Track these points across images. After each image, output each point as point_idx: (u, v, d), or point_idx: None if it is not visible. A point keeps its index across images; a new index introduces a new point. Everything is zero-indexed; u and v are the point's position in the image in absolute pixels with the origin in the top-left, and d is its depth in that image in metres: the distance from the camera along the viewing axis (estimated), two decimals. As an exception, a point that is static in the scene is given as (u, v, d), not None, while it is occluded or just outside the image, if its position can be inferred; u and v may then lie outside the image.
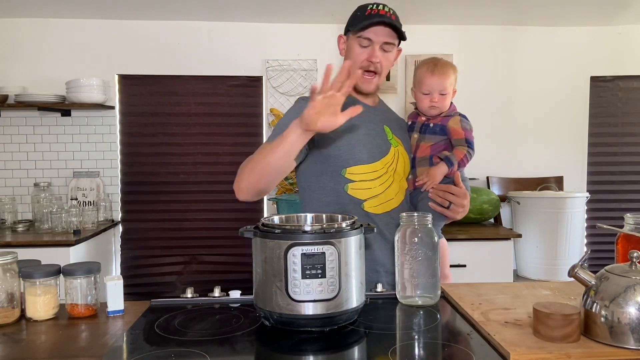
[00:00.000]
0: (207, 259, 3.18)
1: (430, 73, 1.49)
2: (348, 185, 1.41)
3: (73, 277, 1.15)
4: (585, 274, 0.97)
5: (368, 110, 1.45)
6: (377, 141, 1.45)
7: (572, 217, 2.83)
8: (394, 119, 1.58)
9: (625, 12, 3.09)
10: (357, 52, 1.43)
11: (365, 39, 1.41)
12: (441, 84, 1.48)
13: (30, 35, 3.12)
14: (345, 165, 1.40)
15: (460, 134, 1.47)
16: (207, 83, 3.20)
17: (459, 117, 1.50)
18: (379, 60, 1.41)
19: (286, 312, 1.01)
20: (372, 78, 1.44)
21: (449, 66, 1.50)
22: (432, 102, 1.49)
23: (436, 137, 1.48)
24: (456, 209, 1.39)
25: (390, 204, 1.44)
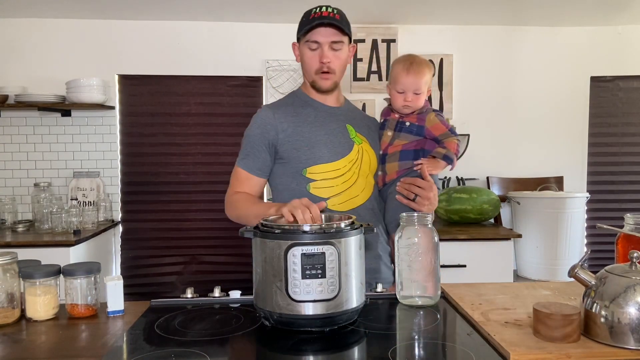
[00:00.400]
0: (207, 259, 3.18)
1: (405, 72, 1.49)
2: (310, 185, 1.45)
3: (73, 277, 1.15)
4: (585, 274, 0.97)
5: (329, 111, 1.51)
6: (339, 140, 1.48)
7: (572, 217, 2.83)
8: (359, 117, 1.60)
9: (625, 12, 3.09)
10: (309, 57, 1.48)
11: (312, 42, 1.45)
12: (416, 83, 1.48)
13: (30, 35, 3.12)
14: (305, 166, 1.45)
15: (442, 128, 1.48)
16: (207, 83, 3.20)
17: (433, 112, 1.51)
18: (329, 60, 1.45)
19: (286, 312, 1.01)
20: (327, 77, 1.48)
21: (424, 65, 1.51)
22: (406, 101, 1.50)
23: (411, 136, 1.50)
24: (422, 202, 1.41)
25: (356, 201, 1.46)
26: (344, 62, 1.50)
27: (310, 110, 1.51)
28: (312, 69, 1.48)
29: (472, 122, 3.30)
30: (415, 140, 1.49)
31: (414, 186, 1.42)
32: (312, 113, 1.50)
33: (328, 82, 1.48)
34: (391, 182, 1.49)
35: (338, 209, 1.45)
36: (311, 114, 1.50)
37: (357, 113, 1.63)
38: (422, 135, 1.49)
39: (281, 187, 1.50)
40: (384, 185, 1.52)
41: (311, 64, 1.47)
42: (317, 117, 1.50)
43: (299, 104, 1.53)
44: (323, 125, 1.49)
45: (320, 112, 1.51)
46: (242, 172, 1.50)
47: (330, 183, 1.45)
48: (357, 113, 1.63)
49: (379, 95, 3.24)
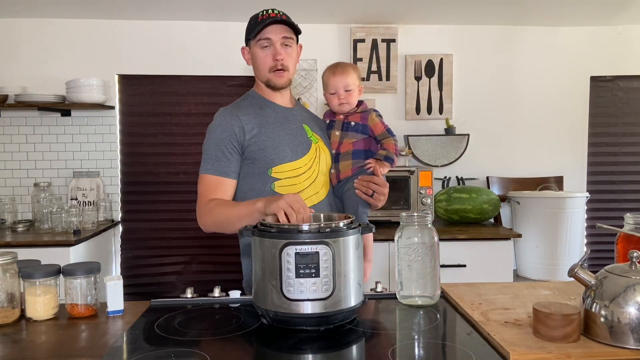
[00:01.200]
0: (207, 259, 3.18)
1: (332, 74, 1.62)
2: (274, 184, 1.49)
3: (73, 277, 1.15)
4: (585, 274, 0.97)
5: (285, 111, 1.57)
6: (298, 139, 1.54)
7: (572, 217, 2.83)
8: (311, 117, 1.67)
9: (625, 12, 3.09)
10: (262, 57, 1.52)
11: (264, 39, 1.49)
12: (343, 81, 1.60)
13: (30, 35, 3.12)
14: (270, 165, 1.48)
15: (381, 127, 1.61)
16: (207, 83, 3.20)
17: (374, 112, 1.63)
18: (282, 56, 1.50)
19: (281, 311, 1.01)
20: (282, 75, 1.52)
21: (348, 66, 1.65)
22: (340, 99, 1.61)
23: (358, 134, 1.61)
24: (378, 197, 1.53)
25: (315, 198, 1.53)
26: (295, 60, 1.57)
27: (270, 111, 1.56)
28: (265, 68, 1.51)
29: (472, 122, 3.30)
30: (362, 138, 1.61)
31: (371, 184, 1.52)
32: (271, 114, 1.54)
33: (282, 79, 1.53)
34: (346, 179, 1.60)
35: None
36: (271, 115, 1.54)
37: (309, 113, 1.70)
38: (367, 133, 1.61)
39: (245, 188, 1.50)
40: (338, 182, 1.61)
41: (265, 62, 1.51)
42: (277, 118, 1.54)
43: (257, 105, 1.55)
44: (283, 126, 1.53)
45: (279, 112, 1.56)
46: (212, 178, 1.48)
47: (293, 181, 1.50)
48: (308, 113, 1.69)
49: (379, 95, 3.24)
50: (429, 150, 3.22)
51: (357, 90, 1.64)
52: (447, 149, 3.24)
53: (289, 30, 1.51)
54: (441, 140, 3.23)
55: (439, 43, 3.29)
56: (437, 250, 1.18)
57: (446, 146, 3.23)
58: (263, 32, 1.49)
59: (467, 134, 3.21)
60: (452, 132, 3.18)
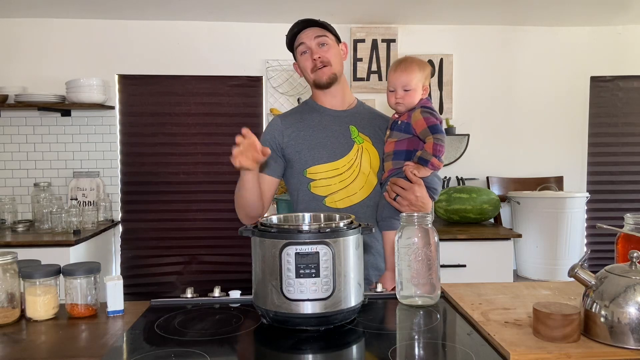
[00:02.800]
0: (207, 259, 3.18)
1: (393, 70, 1.53)
2: (310, 184, 1.54)
3: (73, 277, 1.15)
4: (585, 274, 0.97)
5: (334, 114, 1.59)
6: (339, 141, 1.55)
7: (572, 217, 2.83)
8: (367, 118, 1.63)
9: (625, 12, 3.09)
10: (302, 61, 1.56)
11: (300, 45, 1.54)
12: (404, 80, 1.49)
13: (30, 35, 3.12)
14: (305, 167, 1.54)
15: (422, 124, 1.46)
16: (207, 83, 3.20)
17: (420, 109, 1.49)
18: (319, 55, 1.52)
19: (281, 311, 1.01)
20: (323, 70, 1.53)
21: (414, 63, 1.51)
22: (397, 98, 1.51)
23: (401, 134, 1.51)
24: (401, 202, 1.43)
25: (354, 199, 1.53)
26: (338, 55, 1.56)
27: (316, 115, 1.60)
28: (308, 70, 1.56)
29: (472, 122, 3.30)
30: (406, 138, 1.50)
31: (396, 186, 1.44)
32: (317, 117, 1.58)
33: (325, 75, 1.54)
34: (385, 180, 1.52)
35: (336, 206, 1.52)
36: (316, 119, 1.58)
37: (367, 114, 1.65)
38: (410, 132, 1.49)
39: (291, 188, 1.60)
40: (381, 184, 1.56)
41: (306, 65, 1.55)
42: (321, 121, 1.58)
43: (306, 111, 1.62)
44: (325, 128, 1.56)
45: (325, 116, 1.59)
46: None
47: (328, 182, 1.52)
48: (367, 114, 1.65)
49: (379, 95, 3.24)
50: (429, 150, 3.22)
51: (420, 90, 1.51)
52: (447, 149, 3.23)
53: (322, 30, 1.53)
54: (441, 140, 3.22)
55: (439, 43, 3.29)
56: (437, 250, 1.18)
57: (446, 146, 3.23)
58: (297, 39, 1.55)
59: (467, 134, 3.21)
60: (452, 132, 3.18)
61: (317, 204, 1.52)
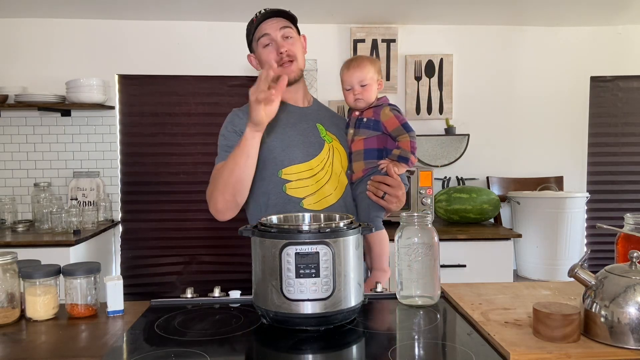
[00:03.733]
0: (207, 259, 3.18)
1: (346, 69, 1.53)
2: (286, 186, 1.45)
3: (73, 277, 1.15)
4: (585, 274, 0.97)
5: (299, 111, 1.53)
6: (310, 140, 1.49)
7: (572, 217, 2.83)
8: (328, 116, 1.61)
9: (625, 12, 3.09)
10: (266, 54, 1.47)
11: (263, 36, 1.47)
12: (358, 76, 1.51)
13: (30, 35, 3.12)
14: (280, 167, 1.44)
15: (395, 122, 1.49)
16: (207, 83, 3.20)
17: (388, 106, 1.53)
18: (286, 48, 1.45)
19: (281, 311, 1.01)
20: (290, 66, 1.47)
21: (365, 59, 1.55)
22: (355, 95, 1.53)
23: (369, 131, 1.51)
24: (390, 199, 1.44)
25: (329, 200, 1.47)
26: (301, 49, 1.52)
27: (280, 111, 1.49)
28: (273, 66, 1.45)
29: (472, 122, 3.30)
30: (375, 135, 1.50)
31: (383, 184, 1.44)
32: (282, 114, 1.49)
33: (292, 72, 1.47)
34: (358, 180, 1.51)
35: (313, 208, 1.45)
36: (282, 116, 1.49)
37: (326, 112, 1.64)
38: (380, 130, 1.50)
39: (259, 191, 1.47)
40: (352, 183, 1.54)
41: (269, 59, 1.46)
42: (288, 119, 1.50)
43: None
44: (294, 126, 1.49)
45: (290, 113, 1.52)
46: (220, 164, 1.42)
47: (304, 183, 1.45)
48: (326, 112, 1.64)
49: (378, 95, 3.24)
50: (429, 150, 3.23)
51: (376, 84, 1.54)
52: (447, 149, 3.24)
53: (286, 21, 1.48)
54: (441, 140, 3.23)
55: (439, 43, 3.29)
56: (437, 250, 1.18)
57: (446, 146, 3.23)
58: (259, 29, 1.47)
59: (467, 134, 3.21)
60: (452, 132, 3.18)
61: (294, 206, 1.43)
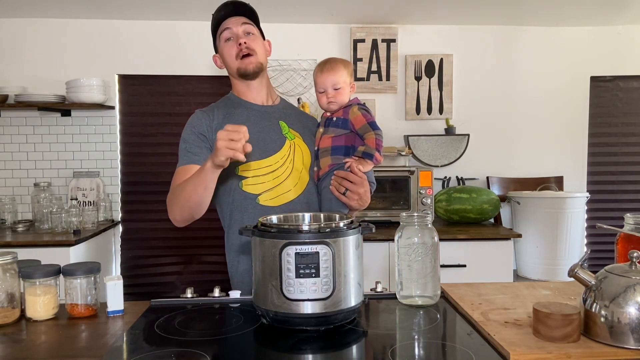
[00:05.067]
0: (207, 259, 3.18)
1: (320, 72, 1.54)
2: (242, 182, 1.47)
3: (73, 277, 1.15)
4: (585, 274, 0.97)
5: (261, 110, 1.55)
6: (270, 137, 1.51)
7: (572, 217, 2.83)
8: (294, 114, 1.62)
9: (625, 12, 3.09)
10: (227, 49, 1.51)
11: (225, 30, 1.50)
12: (331, 79, 1.52)
13: (30, 35, 3.12)
14: (237, 163, 1.43)
15: (361, 120, 1.50)
16: (207, 83, 3.20)
17: (357, 105, 1.54)
18: (244, 40, 1.48)
19: (281, 311, 1.01)
20: (249, 60, 1.49)
21: (339, 62, 1.55)
22: (329, 97, 1.54)
23: (338, 129, 1.53)
24: (351, 196, 1.44)
25: (288, 196, 1.48)
26: (263, 47, 1.54)
27: (242, 110, 1.54)
28: (232, 57, 1.50)
29: (472, 122, 3.30)
30: (343, 134, 1.52)
31: (345, 180, 1.44)
32: (244, 113, 1.53)
33: (251, 64, 1.49)
34: (324, 175, 1.52)
35: (270, 204, 1.46)
36: (243, 114, 1.52)
37: (293, 111, 1.66)
38: (347, 128, 1.51)
39: (223, 190, 1.50)
40: (318, 179, 1.55)
41: (230, 53, 1.50)
42: (249, 117, 1.52)
43: (231, 106, 1.56)
44: (255, 124, 1.50)
45: (252, 111, 1.54)
46: (184, 167, 1.47)
47: (261, 179, 1.47)
48: (293, 111, 1.65)
49: (378, 95, 3.25)
50: (429, 150, 3.22)
51: (348, 88, 1.55)
52: (447, 149, 3.24)
53: (248, 19, 1.51)
54: (441, 140, 3.23)
55: (439, 43, 3.29)
56: (437, 250, 1.18)
57: (446, 146, 3.23)
58: (222, 25, 1.50)
59: (467, 134, 3.21)
60: (452, 132, 3.18)
61: (250, 202, 1.45)
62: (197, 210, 1.39)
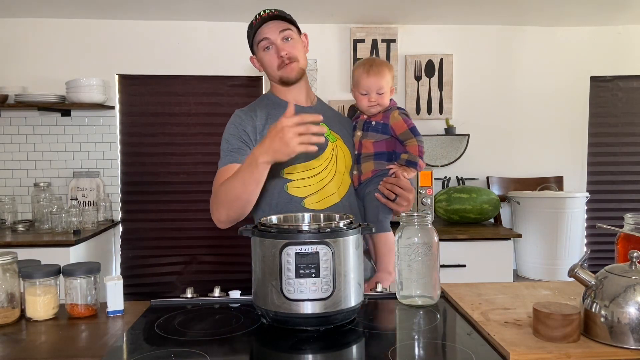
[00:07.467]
0: (207, 259, 3.18)
1: (366, 74, 1.52)
2: (287, 185, 1.46)
3: (73, 277, 1.15)
4: (585, 274, 0.97)
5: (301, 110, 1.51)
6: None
7: (572, 217, 2.83)
8: (332, 115, 1.61)
9: (625, 12, 3.09)
10: (267, 59, 1.48)
11: (263, 40, 1.47)
12: (377, 83, 1.51)
13: (30, 35, 3.12)
14: (282, 167, 1.44)
15: (402, 126, 1.50)
16: (207, 83, 3.20)
17: (397, 110, 1.54)
18: (285, 51, 1.46)
19: (281, 311, 1.01)
20: (291, 67, 1.47)
21: (384, 66, 1.54)
22: (370, 101, 1.53)
23: (378, 134, 1.52)
24: (401, 202, 1.45)
25: (332, 199, 1.47)
26: (302, 49, 1.52)
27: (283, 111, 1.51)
28: (274, 67, 1.48)
29: (472, 122, 3.30)
30: (384, 139, 1.51)
31: (396, 187, 1.44)
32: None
33: (294, 72, 1.48)
34: (367, 180, 1.51)
35: (314, 207, 1.45)
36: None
37: (330, 111, 1.64)
38: (388, 133, 1.51)
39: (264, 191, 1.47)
40: (359, 184, 1.54)
41: (271, 62, 1.48)
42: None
43: (272, 106, 1.53)
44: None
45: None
46: (224, 168, 1.43)
47: (306, 182, 1.46)
48: (330, 111, 1.63)
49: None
50: (429, 150, 3.22)
51: (390, 91, 1.55)
52: (447, 149, 3.24)
53: (285, 23, 1.47)
54: (441, 140, 3.23)
55: (439, 43, 3.29)
56: (437, 250, 1.18)
57: (446, 146, 3.23)
58: (259, 33, 1.47)
59: (467, 134, 3.22)
60: (452, 132, 3.18)
61: (295, 205, 1.44)
62: (246, 208, 1.35)
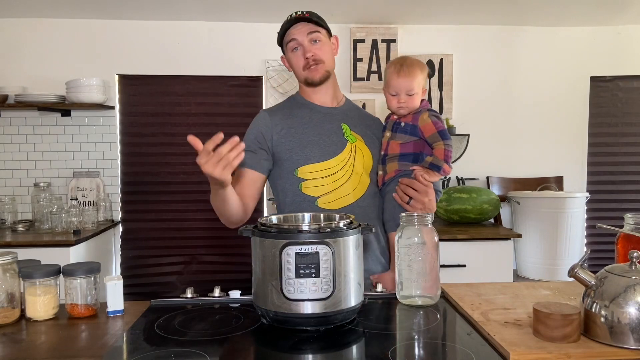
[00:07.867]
0: (207, 259, 3.18)
1: (396, 74, 1.49)
2: (302, 184, 1.48)
3: (73, 277, 1.15)
4: (585, 274, 0.97)
5: (324, 111, 1.55)
6: (331, 139, 1.50)
7: (572, 217, 2.83)
8: (357, 116, 1.60)
9: (625, 12, 3.09)
10: (294, 59, 1.52)
11: (291, 41, 1.50)
12: (407, 84, 1.48)
13: (30, 35, 3.12)
14: (297, 166, 1.47)
15: (431, 128, 1.46)
16: (207, 83, 3.20)
17: (427, 112, 1.49)
18: (312, 52, 1.48)
19: (281, 311, 1.01)
20: (316, 68, 1.50)
21: (416, 66, 1.50)
22: (400, 102, 1.50)
23: (406, 136, 1.50)
24: (415, 205, 1.43)
25: (347, 199, 1.47)
26: (330, 51, 1.53)
27: (306, 111, 1.54)
28: (300, 68, 1.51)
29: (472, 122, 3.30)
30: (412, 140, 1.49)
31: (409, 188, 1.43)
32: (307, 114, 1.53)
33: (318, 74, 1.50)
34: (389, 180, 1.50)
35: (328, 207, 1.46)
36: (306, 115, 1.53)
37: (357, 112, 1.63)
38: (417, 135, 1.48)
39: (279, 188, 1.53)
40: (383, 184, 1.53)
41: (298, 63, 1.51)
42: (311, 118, 1.52)
43: (295, 106, 1.56)
44: (317, 126, 1.51)
45: (315, 112, 1.54)
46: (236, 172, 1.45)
47: (320, 182, 1.47)
48: (356, 112, 1.63)
49: (378, 95, 3.24)
50: (429, 150, 3.22)
51: (421, 92, 1.51)
52: (447, 149, 3.23)
53: (314, 25, 1.49)
54: (441, 140, 3.22)
55: (439, 43, 3.29)
56: (437, 250, 1.18)
57: (446, 146, 3.23)
58: (288, 34, 1.50)
59: (467, 134, 3.21)
60: (452, 132, 3.18)
61: (309, 205, 1.46)
62: (233, 218, 1.44)
